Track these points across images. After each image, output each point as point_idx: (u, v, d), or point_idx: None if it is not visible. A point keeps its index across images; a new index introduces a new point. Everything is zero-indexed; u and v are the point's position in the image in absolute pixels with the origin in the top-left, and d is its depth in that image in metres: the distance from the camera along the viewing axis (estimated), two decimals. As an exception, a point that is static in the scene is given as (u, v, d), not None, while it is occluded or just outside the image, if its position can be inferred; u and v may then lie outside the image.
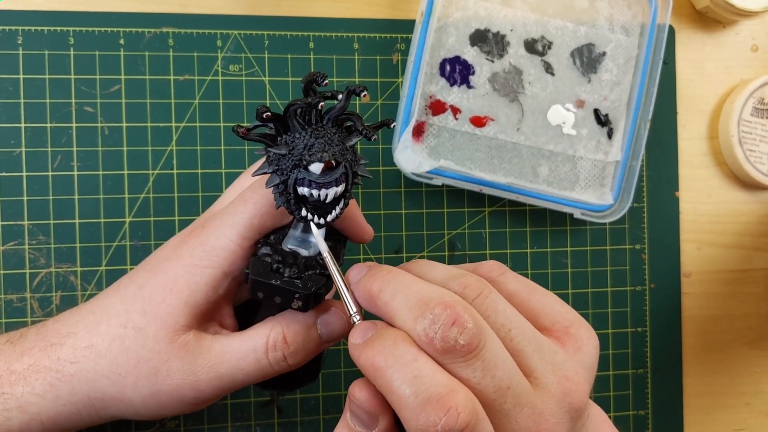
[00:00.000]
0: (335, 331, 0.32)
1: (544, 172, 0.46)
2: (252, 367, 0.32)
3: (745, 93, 0.48)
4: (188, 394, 0.32)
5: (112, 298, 0.33)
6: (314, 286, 0.30)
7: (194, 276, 0.32)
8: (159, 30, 0.43)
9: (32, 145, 0.41)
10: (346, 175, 0.29)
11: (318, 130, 0.28)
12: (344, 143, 0.29)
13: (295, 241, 0.32)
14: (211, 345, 0.32)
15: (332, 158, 0.28)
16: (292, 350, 0.32)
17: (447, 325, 0.24)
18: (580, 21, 0.47)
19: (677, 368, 0.49)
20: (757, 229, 0.51)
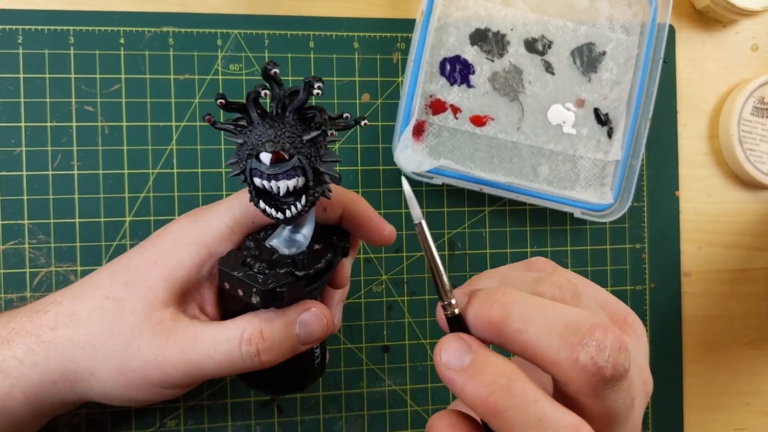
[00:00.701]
0: (313, 333, 0.31)
1: (544, 172, 0.46)
2: (223, 357, 0.31)
3: (746, 92, 0.48)
4: (154, 374, 0.32)
5: (102, 272, 0.34)
6: (274, 284, 0.29)
7: (179, 252, 0.32)
8: (159, 29, 0.43)
9: (32, 144, 0.41)
10: (302, 170, 0.28)
11: (275, 120, 0.28)
12: (300, 136, 0.28)
13: (281, 239, 0.31)
14: (186, 327, 0.32)
15: (280, 149, 0.27)
16: (267, 346, 0.31)
17: (615, 350, 0.22)
18: (580, 20, 0.47)
19: (677, 368, 0.49)
20: (757, 228, 0.51)
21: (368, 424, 0.45)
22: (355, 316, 0.45)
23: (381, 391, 0.45)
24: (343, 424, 0.45)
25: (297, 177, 0.28)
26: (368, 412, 0.45)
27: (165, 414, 0.42)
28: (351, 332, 0.45)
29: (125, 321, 0.32)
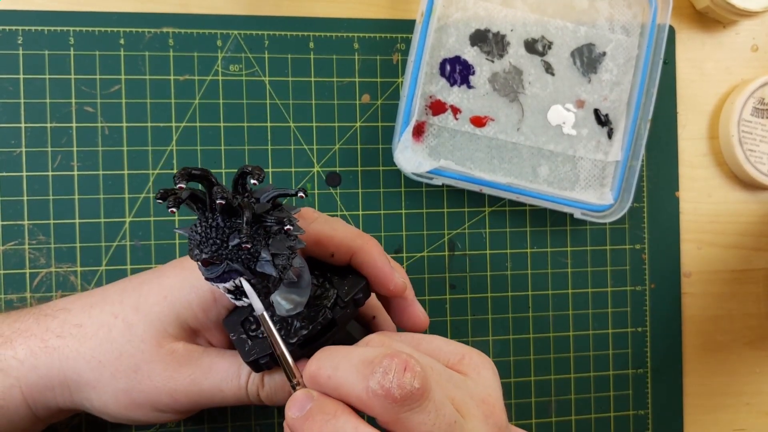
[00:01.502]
0: None
1: (544, 172, 0.46)
2: (232, 391, 0.32)
3: (745, 93, 0.48)
4: (163, 399, 0.32)
5: (114, 286, 0.34)
6: (256, 356, 0.30)
7: (188, 293, 0.32)
8: (159, 30, 0.43)
9: (32, 145, 0.41)
10: (237, 272, 0.26)
11: (205, 222, 0.26)
12: (226, 242, 0.26)
13: (281, 292, 0.30)
14: (200, 357, 0.32)
15: (206, 258, 0.26)
16: (266, 393, 0.32)
17: (400, 372, 0.24)
18: (580, 21, 0.47)
19: (677, 368, 0.49)
20: (757, 229, 0.51)
21: (368, 425, 0.45)
22: (355, 317, 0.45)
23: (381, 391, 0.45)
24: (343, 425, 0.45)
25: (232, 279, 0.27)
26: (368, 413, 0.45)
27: (165, 415, 0.42)
28: (351, 333, 0.45)
29: (135, 346, 0.32)
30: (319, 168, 0.45)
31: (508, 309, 0.47)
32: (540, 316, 0.47)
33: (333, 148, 0.45)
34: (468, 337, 0.46)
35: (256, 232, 0.26)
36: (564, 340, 0.48)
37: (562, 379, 0.48)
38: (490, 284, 0.47)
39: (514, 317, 0.47)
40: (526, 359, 0.47)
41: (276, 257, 0.27)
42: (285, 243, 0.27)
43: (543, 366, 0.47)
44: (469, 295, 0.47)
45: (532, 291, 0.47)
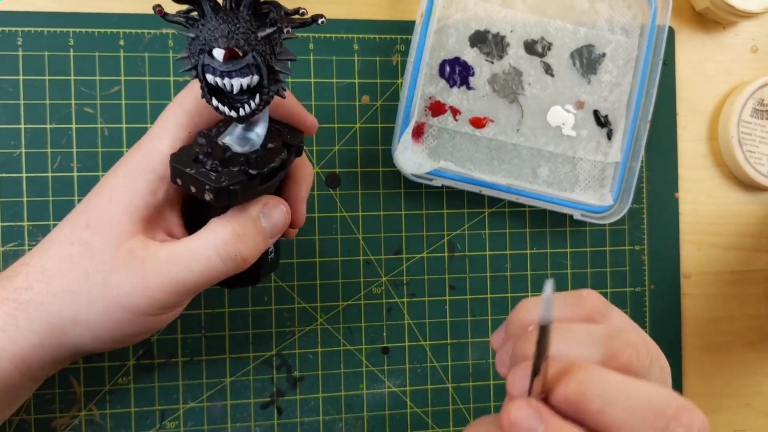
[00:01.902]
0: (277, 224, 0.32)
1: (543, 174, 0.46)
2: (203, 266, 0.31)
3: (745, 94, 0.48)
4: (141, 302, 0.32)
5: (62, 224, 0.34)
6: (227, 181, 0.29)
7: (131, 183, 0.32)
8: (159, 31, 0.43)
9: (32, 146, 0.41)
10: (256, 67, 0.27)
11: (228, 15, 0.27)
12: (255, 33, 0.27)
13: (234, 137, 0.31)
14: (158, 251, 0.32)
15: (234, 46, 0.26)
16: (244, 245, 0.31)
17: None
18: (579, 22, 0.47)
19: (677, 369, 0.49)
20: (757, 230, 0.51)
21: (368, 426, 0.45)
22: (355, 318, 0.45)
23: (381, 392, 0.45)
24: (342, 426, 0.45)
25: (251, 75, 0.27)
26: (368, 414, 0.45)
27: (165, 416, 0.42)
28: (350, 334, 0.45)
29: (96, 260, 0.31)
30: (319, 169, 0.45)
31: (507, 310, 0.47)
32: (540, 317, 0.47)
33: (333, 149, 0.45)
34: (468, 338, 0.46)
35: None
36: (564, 341, 0.48)
37: (562, 380, 0.48)
38: (490, 285, 0.47)
39: (514, 318, 0.47)
40: (525, 360, 0.47)
41: (288, 63, 0.28)
42: (288, 50, 0.28)
43: (543, 367, 0.47)
44: (469, 296, 0.47)
45: (531, 292, 0.47)
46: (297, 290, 0.44)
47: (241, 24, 0.26)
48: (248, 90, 0.28)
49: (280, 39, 0.28)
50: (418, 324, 0.46)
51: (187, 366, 0.43)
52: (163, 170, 0.32)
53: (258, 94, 0.28)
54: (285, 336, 0.44)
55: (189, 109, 0.32)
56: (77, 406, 0.41)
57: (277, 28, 0.27)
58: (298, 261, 0.44)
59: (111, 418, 0.42)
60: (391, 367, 0.45)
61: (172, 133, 0.32)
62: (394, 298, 0.46)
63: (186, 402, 0.43)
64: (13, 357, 0.32)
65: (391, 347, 0.45)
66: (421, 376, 0.46)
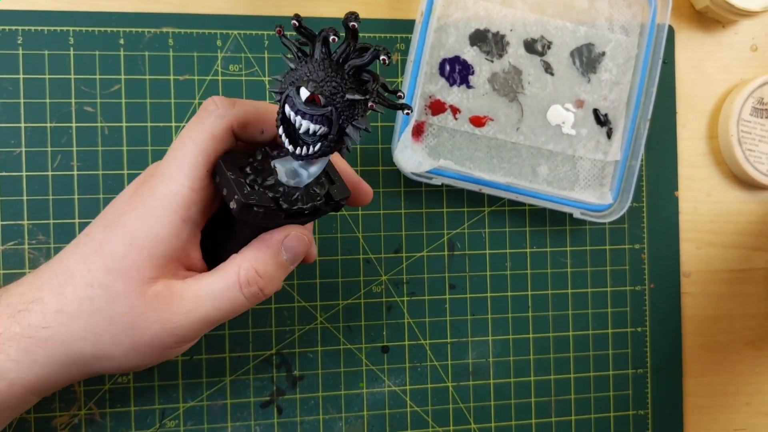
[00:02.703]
0: (298, 255, 0.34)
1: (543, 172, 0.46)
2: (229, 305, 0.32)
3: (745, 93, 0.48)
4: (168, 340, 0.32)
5: (72, 257, 0.33)
6: (255, 201, 0.30)
7: (153, 228, 0.31)
8: (159, 30, 0.43)
9: (32, 144, 0.41)
10: (329, 121, 0.28)
11: (331, 67, 0.28)
12: (343, 90, 0.28)
13: (285, 166, 0.32)
14: (183, 291, 0.32)
15: (319, 93, 0.27)
16: (266, 281, 0.32)
17: None
18: (579, 21, 0.47)
19: (677, 368, 0.49)
20: (756, 228, 0.51)
21: (368, 425, 0.45)
22: (355, 317, 0.45)
23: (380, 391, 0.45)
24: (342, 425, 0.45)
25: (321, 125, 0.28)
26: (368, 413, 0.45)
27: (165, 415, 0.42)
28: (350, 333, 0.45)
29: (121, 304, 0.32)
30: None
31: (507, 309, 0.47)
32: (539, 316, 0.47)
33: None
34: (468, 337, 0.46)
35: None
36: (564, 340, 0.48)
37: (562, 379, 0.48)
38: (490, 284, 0.47)
39: (514, 317, 0.47)
40: (525, 359, 0.47)
41: (361, 132, 0.29)
42: (368, 122, 0.29)
43: (543, 366, 0.47)
44: (469, 294, 0.47)
45: (531, 291, 0.47)
46: (297, 289, 0.44)
47: (336, 79, 0.28)
48: (314, 135, 0.29)
49: (363, 109, 0.29)
50: (418, 323, 0.46)
51: (187, 365, 0.43)
52: (185, 213, 0.32)
53: (320, 143, 0.29)
54: (285, 335, 0.44)
55: (204, 147, 0.32)
56: (77, 405, 0.41)
57: (364, 98, 0.28)
58: (298, 260, 0.44)
59: (111, 416, 0.42)
60: (391, 366, 0.45)
61: (190, 174, 0.31)
62: (394, 297, 0.46)
63: (186, 401, 0.43)
64: (28, 383, 0.32)
65: (391, 346, 0.45)
66: (421, 374, 0.46)
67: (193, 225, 0.32)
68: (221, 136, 0.32)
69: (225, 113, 0.32)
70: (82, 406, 0.41)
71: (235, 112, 0.32)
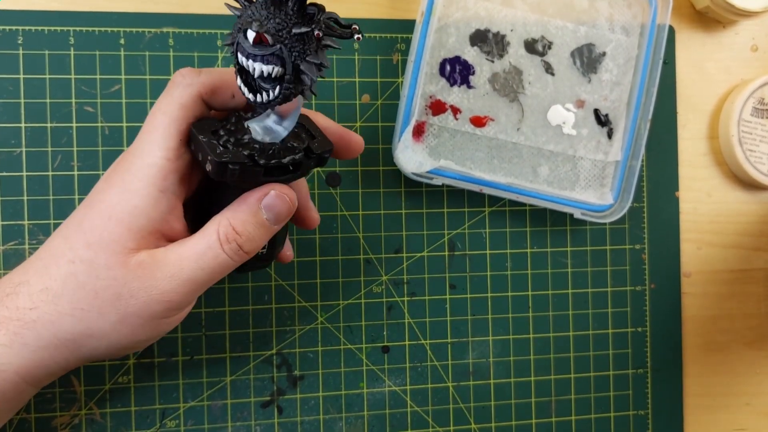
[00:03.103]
0: (280, 213, 0.33)
1: (544, 172, 0.46)
2: (212, 263, 0.32)
3: (745, 93, 0.48)
4: (156, 308, 0.32)
5: (55, 239, 0.33)
6: (228, 159, 0.30)
7: (131, 201, 0.32)
8: (159, 30, 0.43)
9: (32, 144, 0.41)
10: (281, 59, 0.28)
11: (275, 4, 0.27)
12: (290, 27, 0.27)
13: (260, 124, 0.32)
14: (166, 256, 0.32)
15: (264, 31, 0.27)
16: (245, 238, 0.32)
17: None
18: (580, 21, 0.47)
19: (677, 368, 0.49)
20: (757, 229, 0.51)
21: (368, 425, 0.45)
22: (355, 317, 0.45)
23: (381, 391, 0.45)
24: (343, 425, 0.45)
25: (273, 65, 0.28)
26: (368, 413, 0.45)
27: (165, 415, 0.42)
28: (351, 333, 0.45)
29: (104, 277, 0.31)
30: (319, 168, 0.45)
31: (508, 309, 0.47)
32: (540, 316, 0.47)
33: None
34: (468, 337, 0.46)
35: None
36: (564, 340, 0.48)
37: (562, 379, 0.48)
38: (490, 284, 0.47)
39: (514, 317, 0.47)
40: (526, 359, 0.47)
41: (316, 67, 0.28)
42: (324, 57, 0.29)
43: (543, 366, 0.47)
44: (469, 295, 0.47)
45: (532, 291, 0.47)
46: (297, 289, 0.44)
47: (281, 15, 0.27)
48: (272, 79, 0.28)
49: (314, 42, 0.28)
50: (418, 323, 0.46)
51: (188, 365, 0.43)
52: (162, 184, 0.32)
53: (278, 85, 0.29)
54: (285, 335, 0.44)
55: (175, 117, 0.32)
56: (77, 405, 0.41)
57: (310, 29, 0.27)
58: (298, 260, 0.44)
59: (111, 416, 0.42)
60: (392, 366, 0.45)
61: (163, 144, 0.32)
62: (395, 297, 0.46)
63: (186, 401, 0.43)
64: (19, 369, 0.32)
65: (391, 346, 0.45)
66: (422, 375, 0.46)
67: (172, 195, 0.32)
68: (190, 104, 0.32)
69: (192, 81, 0.32)
70: (83, 406, 0.41)
71: (202, 79, 0.32)
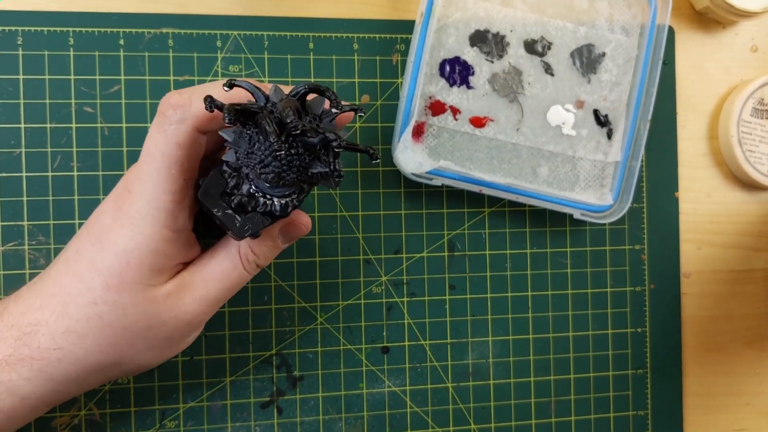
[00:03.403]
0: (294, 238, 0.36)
1: (543, 173, 0.46)
2: (236, 281, 0.34)
3: (745, 93, 0.48)
4: (186, 329, 0.34)
5: (66, 276, 0.32)
6: (251, 230, 0.31)
7: (147, 244, 0.31)
8: (159, 30, 0.43)
9: (32, 145, 0.41)
10: (297, 190, 0.29)
11: (282, 148, 0.27)
12: (306, 170, 0.27)
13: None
14: (192, 281, 0.33)
15: (282, 183, 0.28)
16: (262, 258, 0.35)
17: None
18: (579, 21, 0.47)
19: (677, 368, 0.49)
20: (756, 229, 0.51)
21: (368, 425, 0.45)
22: (355, 317, 0.45)
23: (380, 392, 0.45)
24: (342, 426, 0.45)
25: (289, 197, 0.30)
26: (368, 413, 0.45)
27: (165, 415, 0.42)
28: (350, 333, 0.45)
29: (132, 314, 0.32)
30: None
31: (507, 309, 0.47)
32: (539, 317, 0.47)
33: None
34: (468, 338, 0.46)
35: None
36: (563, 341, 0.48)
37: (562, 379, 0.48)
38: (490, 285, 0.47)
39: (514, 318, 0.47)
40: (525, 360, 0.47)
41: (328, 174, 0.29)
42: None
43: (543, 366, 0.47)
44: (469, 295, 0.47)
45: (531, 291, 0.47)
46: (297, 289, 0.44)
47: (294, 160, 0.27)
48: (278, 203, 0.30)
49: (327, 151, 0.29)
50: (418, 323, 0.46)
51: (187, 365, 0.43)
52: (174, 225, 0.32)
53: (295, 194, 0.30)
54: (285, 335, 0.44)
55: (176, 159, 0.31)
56: (77, 406, 0.41)
57: (328, 170, 0.28)
58: (297, 260, 0.44)
59: (111, 417, 0.42)
60: (391, 366, 0.45)
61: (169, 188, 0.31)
62: (394, 298, 0.46)
63: (186, 401, 0.43)
64: (43, 397, 0.32)
65: (391, 347, 0.45)
66: (421, 375, 0.46)
67: (185, 229, 0.33)
68: (188, 142, 0.31)
69: (184, 117, 0.31)
70: (82, 407, 0.41)
71: (194, 111, 0.31)
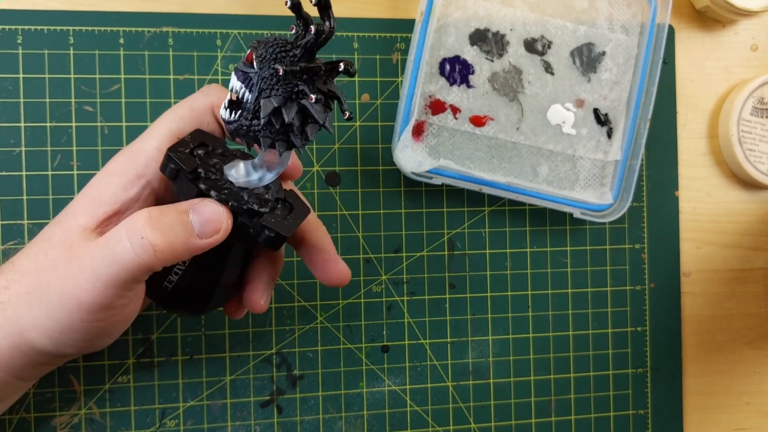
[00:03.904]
0: (209, 222, 0.30)
1: (543, 172, 0.46)
2: (113, 252, 0.29)
3: (745, 92, 0.48)
4: (83, 297, 0.30)
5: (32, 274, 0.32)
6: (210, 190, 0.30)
7: (105, 179, 0.32)
8: (159, 29, 0.43)
9: (32, 144, 0.41)
10: (249, 82, 0.27)
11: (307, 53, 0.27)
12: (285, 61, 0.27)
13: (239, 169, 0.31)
14: (89, 244, 0.30)
15: (255, 55, 0.27)
16: (157, 232, 0.29)
17: None
18: (579, 20, 0.47)
19: (677, 368, 0.49)
20: (756, 228, 0.51)
21: (368, 425, 0.45)
22: (355, 316, 0.45)
23: (380, 391, 0.45)
24: (342, 425, 0.45)
25: (241, 84, 0.28)
26: (368, 413, 0.45)
27: (165, 414, 0.42)
28: (350, 332, 0.45)
29: (49, 257, 0.31)
30: (319, 167, 0.45)
31: (507, 308, 0.47)
32: (539, 316, 0.47)
33: (332, 148, 0.45)
34: (467, 337, 0.46)
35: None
36: (564, 340, 0.48)
37: (562, 378, 0.48)
38: (490, 284, 0.47)
39: (514, 317, 0.47)
40: (525, 359, 0.47)
41: (278, 112, 0.27)
42: (294, 114, 0.27)
43: (543, 365, 0.47)
44: (469, 294, 0.47)
45: (531, 290, 0.47)
46: (297, 288, 0.44)
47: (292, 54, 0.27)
48: (236, 103, 0.28)
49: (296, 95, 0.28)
50: (418, 322, 0.46)
51: (187, 364, 0.43)
52: (141, 169, 0.32)
53: (234, 111, 0.28)
54: (285, 334, 0.44)
55: (181, 115, 0.33)
56: (77, 405, 0.41)
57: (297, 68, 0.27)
58: (297, 259, 0.44)
59: (111, 416, 0.42)
60: (391, 365, 0.45)
61: (159, 135, 0.32)
62: (394, 297, 0.46)
63: (186, 400, 0.43)
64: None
65: (391, 345, 0.45)
66: (421, 374, 0.46)
67: (147, 185, 0.32)
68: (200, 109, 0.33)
69: (209, 92, 0.34)
70: (82, 406, 0.41)
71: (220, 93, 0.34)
